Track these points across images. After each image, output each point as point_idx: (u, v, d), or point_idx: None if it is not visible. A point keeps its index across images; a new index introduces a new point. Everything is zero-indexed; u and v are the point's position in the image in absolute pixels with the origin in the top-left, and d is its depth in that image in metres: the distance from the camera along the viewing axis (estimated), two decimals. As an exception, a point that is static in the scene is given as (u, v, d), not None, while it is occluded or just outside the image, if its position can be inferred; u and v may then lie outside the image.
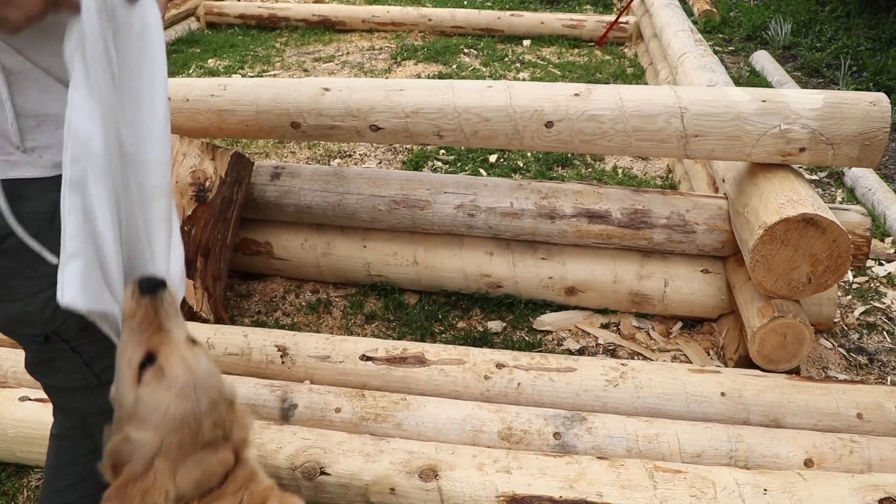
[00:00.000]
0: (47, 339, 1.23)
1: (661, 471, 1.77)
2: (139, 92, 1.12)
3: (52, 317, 1.19)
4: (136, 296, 1.09)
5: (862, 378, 2.44)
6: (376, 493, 1.80)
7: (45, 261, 1.15)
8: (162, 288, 1.10)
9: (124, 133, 1.10)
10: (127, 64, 1.10)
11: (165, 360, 1.07)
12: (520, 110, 2.34)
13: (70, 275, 1.04)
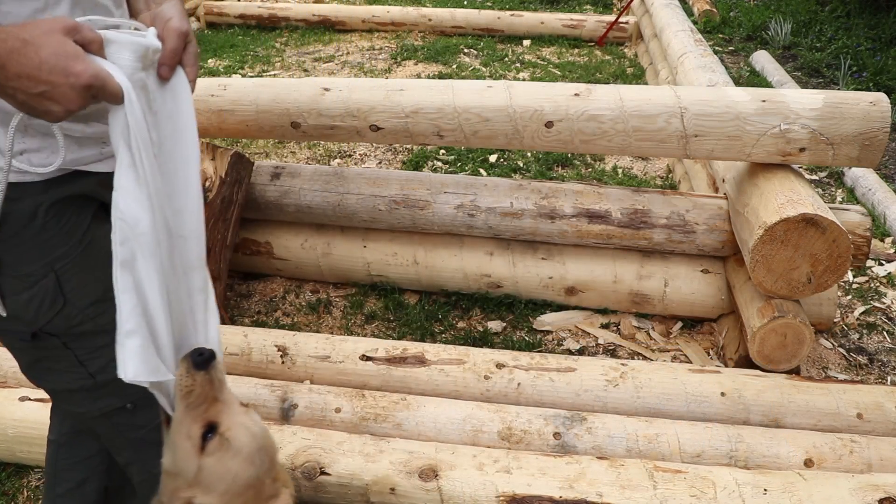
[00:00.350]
0: (35, 336, 1.22)
1: (661, 471, 1.77)
2: (175, 169, 1.15)
3: (36, 316, 1.19)
4: (191, 372, 1.10)
5: (862, 378, 2.44)
6: (376, 492, 1.80)
7: (29, 259, 1.15)
8: (213, 360, 1.12)
9: (166, 210, 1.14)
10: (163, 142, 1.14)
11: (227, 430, 1.09)
12: (520, 110, 2.34)
13: (130, 352, 1.08)
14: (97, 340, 1.24)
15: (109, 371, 1.20)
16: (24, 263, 1.15)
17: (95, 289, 1.20)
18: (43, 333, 1.22)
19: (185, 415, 1.11)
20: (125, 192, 1.09)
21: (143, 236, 1.09)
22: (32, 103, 0.97)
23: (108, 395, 1.29)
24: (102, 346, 1.23)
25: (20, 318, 1.19)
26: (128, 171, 1.09)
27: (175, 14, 1.14)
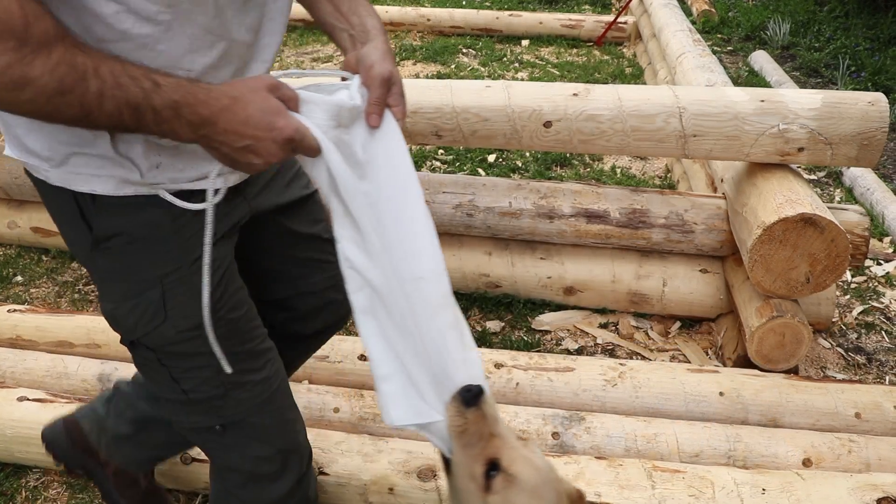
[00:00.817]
0: (132, 345, 1.25)
1: (660, 470, 1.77)
2: (398, 213, 1.15)
3: (135, 326, 1.20)
4: (461, 411, 1.08)
5: (860, 378, 2.44)
6: (375, 492, 1.80)
7: (143, 268, 1.17)
8: (482, 396, 1.09)
9: (396, 255, 1.13)
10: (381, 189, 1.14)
11: (510, 465, 1.05)
12: (518, 110, 2.33)
13: (389, 396, 1.11)
14: (192, 362, 1.24)
15: (201, 391, 1.26)
16: (139, 271, 1.17)
17: (199, 312, 1.19)
18: (139, 345, 1.23)
19: (463, 455, 1.08)
20: (348, 240, 1.14)
21: (373, 283, 1.13)
22: (236, 156, 1.02)
23: (198, 413, 1.31)
24: (196, 367, 1.25)
25: (119, 325, 1.22)
26: (344, 221, 1.14)
27: (377, 59, 1.15)
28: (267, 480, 1.39)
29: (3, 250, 3.16)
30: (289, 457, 1.41)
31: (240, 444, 1.34)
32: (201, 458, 1.90)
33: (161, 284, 1.18)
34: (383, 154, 1.16)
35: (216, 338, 1.20)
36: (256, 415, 1.33)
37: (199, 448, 1.45)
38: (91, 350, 2.34)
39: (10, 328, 2.39)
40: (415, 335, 1.13)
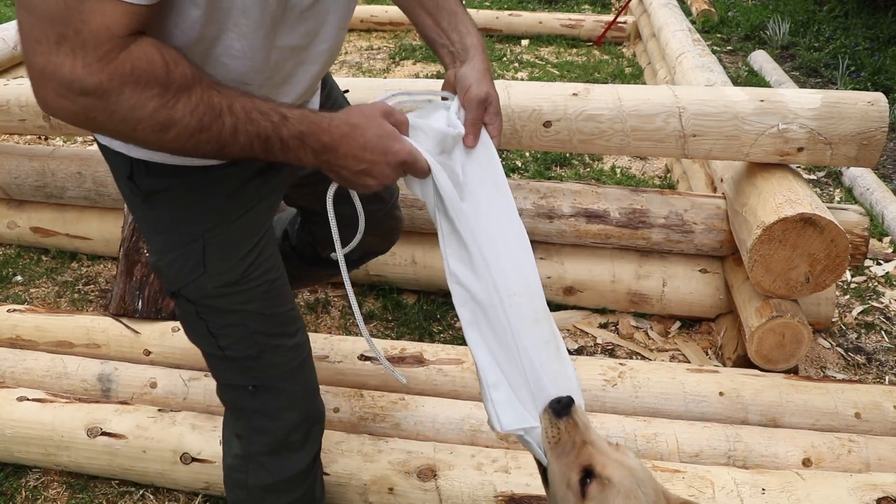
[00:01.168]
0: (174, 295, 1.33)
1: (660, 470, 1.77)
2: (497, 231, 1.22)
3: (176, 277, 1.29)
4: (553, 422, 1.13)
5: (860, 377, 2.44)
6: (375, 492, 1.80)
7: (190, 221, 1.25)
8: (572, 405, 1.13)
9: (494, 271, 1.20)
10: (478, 208, 1.22)
11: (603, 470, 1.07)
12: (518, 110, 2.33)
13: (499, 403, 1.16)
14: (228, 318, 1.32)
15: (236, 350, 1.34)
16: (182, 225, 1.25)
17: (235, 269, 1.28)
18: (180, 296, 1.31)
19: (558, 464, 1.11)
20: (454, 257, 1.21)
21: (477, 296, 1.19)
22: (354, 178, 1.12)
23: (233, 371, 1.38)
24: (231, 325, 1.32)
25: (163, 275, 1.31)
26: (451, 238, 1.21)
27: (474, 80, 1.24)
28: (291, 450, 1.45)
29: (2, 250, 3.16)
30: (312, 427, 1.48)
31: (270, 408, 1.40)
32: (201, 457, 1.90)
33: (202, 239, 1.25)
34: (480, 174, 1.23)
35: (254, 297, 1.30)
36: (287, 381, 1.40)
37: (228, 409, 1.48)
38: (91, 350, 2.34)
39: (10, 328, 2.39)
40: (513, 349, 1.18)
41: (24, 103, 2.79)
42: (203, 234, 1.25)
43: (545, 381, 1.18)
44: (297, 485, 1.50)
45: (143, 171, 1.20)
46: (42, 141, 4.20)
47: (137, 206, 1.28)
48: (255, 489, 1.48)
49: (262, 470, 1.46)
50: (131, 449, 1.94)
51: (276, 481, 1.47)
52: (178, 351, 2.29)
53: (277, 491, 1.48)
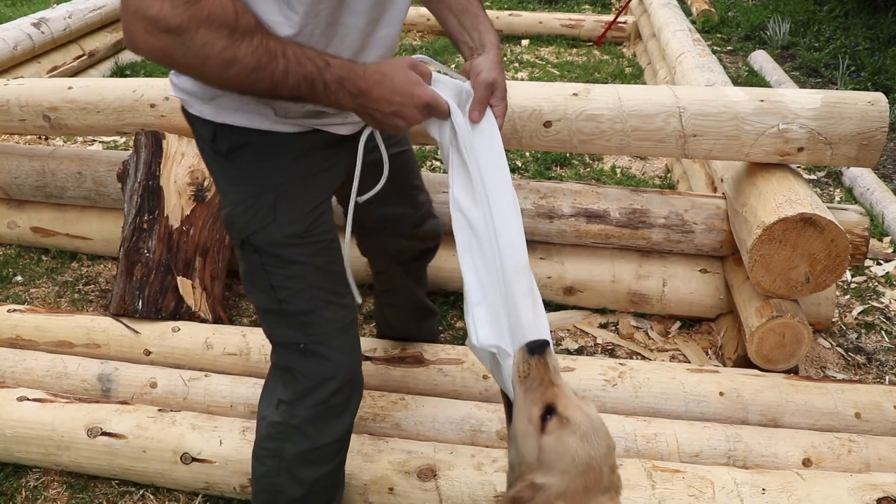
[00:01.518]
0: (243, 245, 1.46)
1: (660, 470, 1.77)
2: (494, 187, 1.35)
3: (248, 224, 1.43)
4: (526, 358, 1.20)
5: (860, 378, 2.44)
6: (375, 492, 1.80)
7: (264, 175, 1.41)
8: (547, 347, 1.21)
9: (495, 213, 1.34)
10: (483, 166, 1.36)
11: (565, 410, 1.13)
12: (518, 110, 2.33)
13: (479, 319, 1.28)
14: (290, 270, 1.45)
15: (293, 303, 1.46)
16: (259, 178, 1.41)
17: (302, 222, 1.44)
18: (248, 245, 1.45)
19: (524, 399, 1.18)
20: (460, 187, 1.37)
21: (473, 225, 1.34)
22: (385, 119, 1.29)
23: (287, 327, 1.49)
24: (293, 277, 1.46)
25: (236, 224, 1.45)
26: (460, 170, 1.37)
27: (485, 67, 1.40)
28: (332, 415, 1.54)
29: (3, 250, 3.16)
30: (352, 394, 1.59)
31: (318, 370, 1.50)
32: (201, 457, 1.90)
33: (276, 191, 1.41)
34: (483, 143, 1.38)
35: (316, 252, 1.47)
36: (336, 339, 1.52)
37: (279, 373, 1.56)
38: (91, 350, 2.34)
39: (10, 328, 2.39)
40: (498, 282, 1.31)
41: (24, 103, 2.79)
42: (276, 188, 1.41)
43: (523, 324, 1.27)
44: (332, 456, 1.57)
45: (228, 132, 1.38)
46: (42, 141, 4.20)
47: (219, 164, 1.45)
48: (291, 458, 1.54)
49: (302, 436, 1.53)
50: (131, 449, 1.94)
51: (313, 448, 1.53)
52: (179, 351, 2.29)
53: (313, 461, 1.54)
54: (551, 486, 1.09)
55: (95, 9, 5.09)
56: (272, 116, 1.35)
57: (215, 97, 1.34)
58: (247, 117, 1.35)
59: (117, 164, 2.76)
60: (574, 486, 1.09)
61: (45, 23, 4.60)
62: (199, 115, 1.39)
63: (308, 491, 1.56)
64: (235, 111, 1.35)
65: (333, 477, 1.61)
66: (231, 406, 2.12)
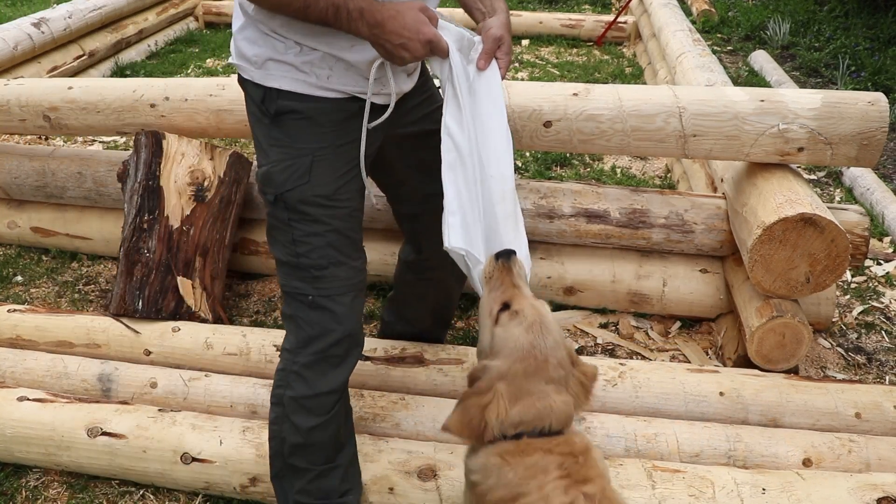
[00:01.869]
0: (275, 201, 1.62)
1: (660, 470, 1.77)
2: (489, 130, 1.57)
3: (284, 182, 1.59)
4: (492, 261, 1.41)
5: (860, 378, 2.44)
6: (375, 492, 1.80)
7: (305, 140, 1.58)
8: (513, 255, 1.41)
9: (480, 154, 1.56)
10: (480, 114, 1.57)
11: (518, 305, 1.31)
12: (518, 110, 2.33)
13: (452, 226, 1.52)
14: (314, 227, 1.62)
15: (310, 258, 1.62)
16: (299, 141, 1.59)
17: (332, 185, 1.61)
18: (280, 201, 1.61)
19: (488, 298, 1.37)
20: (451, 115, 1.56)
21: (459, 147, 1.54)
22: (393, 51, 1.45)
23: (300, 280, 1.64)
24: (314, 234, 1.62)
25: (272, 181, 1.61)
26: (452, 101, 1.56)
27: (494, 25, 1.61)
28: (330, 364, 1.67)
29: (3, 250, 3.16)
30: (351, 349, 1.71)
31: (322, 319, 1.65)
32: (202, 457, 1.91)
33: (312, 155, 1.58)
34: (484, 87, 1.57)
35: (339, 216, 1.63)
36: (342, 296, 1.66)
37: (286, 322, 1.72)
38: (91, 350, 2.34)
39: (10, 328, 2.39)
40: (477, 202, 1.53)
41: (24, 103, 2.79)
42: (313, 152, 1.58)
43: (503, 240, 1.51)
44: (328, 407, 1.68)
45: (275, 96, 1.56)
46: (42, 141, 4.20)
47: (264, 126, 1.62)
48: (290, 402, 1.68)
49: (301, 381, 1.67)
50: (132, 449, 1.94)
51: (310, 395, 1.66)
52: (179, 351, 2.29)
53: (309, 409, 1.67)
54: (495, 368, 1.27)
55: (95, 9, 5.09)
56: (314, 82, 1.54)
57: (265, 63, 1.54)
58: (291, 82, 1.54)
59: (117, 164, 2.76)
60: (514, 370, 1.25)
61: (45, 23, 4.60)
62: (251, 80, 1.59)
63: (305, 440, 1.67)
64: (283, 77, 1.54)
65: (330, 431, 1.69)
66: (231, 406, 2.12)
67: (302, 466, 1.69)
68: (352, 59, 1.54)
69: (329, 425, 1.69)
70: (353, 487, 1.75)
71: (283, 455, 1.70)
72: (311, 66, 1.54)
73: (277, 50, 1.53)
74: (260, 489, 1.85)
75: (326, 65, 1.54)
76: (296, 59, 1.53)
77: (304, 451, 1.69)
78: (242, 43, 1.58)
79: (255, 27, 1.55)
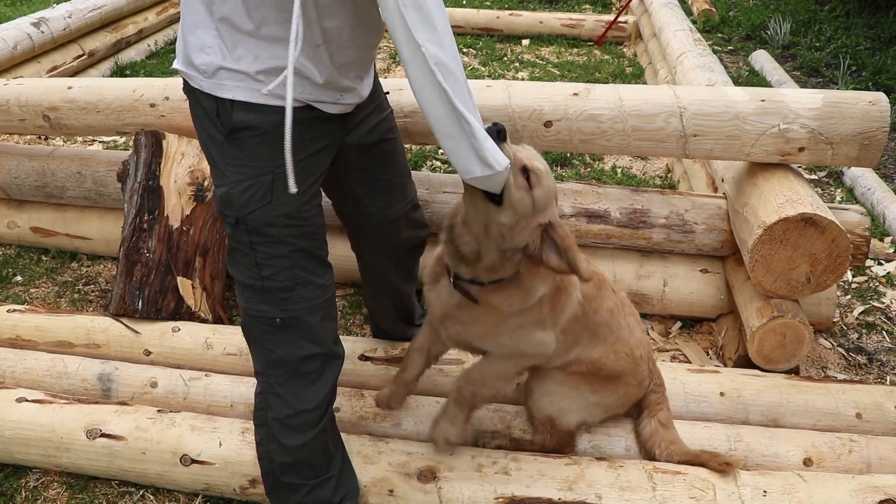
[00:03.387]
0: (237, 224, 1.54)
1: (661, 472, 1.77)
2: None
3: (245, 203, 1.51)
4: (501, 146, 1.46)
5: (861, 378, 2.44)
6: (375, 494, 1.79)
7: (262, 158, 1.48)
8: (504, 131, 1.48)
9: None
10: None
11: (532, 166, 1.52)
12: (518, 110, 2.33)
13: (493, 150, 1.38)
14: (277, 249, 1.54)
15: (275, 280, 1.56)
16: (258, 159, 1.49)
17: (295, 202, 1.52)
18: (241, 224, 1.53)
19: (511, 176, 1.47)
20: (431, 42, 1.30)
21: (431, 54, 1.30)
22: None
23: (265, 303, 1.58)
24: (279, 256, 1.55)
25: (232, 204, 1.52)
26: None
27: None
28: (308, 380, 1.63)
29: (3, 250, 3.16)
30: (327, 363, 1.65)
31: (291, 339, 1.59)
32: (201, 459, 1.90)
33: (273, 173, 1.49)
34: None
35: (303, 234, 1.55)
36: (311, 314, 1.60)
37: (251, 345, 1.67)
38: (91, 350, 2.34)
39: (10, 328, 2.39)
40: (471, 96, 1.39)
41: (24, 103, 2.79)
42: (273, 170, 1.48)
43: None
44: (312, 424, 1.64)
45: (230, 109, 1.46)
46: (42, 141, 4.20)
47: (219, 145, 1.52)
48: (273, 423, 1.64)
49: (280, 401, 1.63)
50: (131, 451, 1.94)
51: (291, 413, 1.62)
52: (179, 351, 2.29)
53: (292, 427, 1.63)
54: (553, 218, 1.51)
55: (95, 9, 5.08)
56: (271, 91, 1.42)
57: (216, 72, 1.43)
58: (245, 93, 1.44)
59: (117, 164, 2.76)
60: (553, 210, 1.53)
61: (44, 22, 4.60)
62: (201, 90, 1.47)
63: (294, 458, 1.65)
64: (235, 87, 1.44)
65: (319, 446, 1.67)
66: (231, 406, 2.12)
67: (295, 483, 1.68)
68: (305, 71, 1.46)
69: (317, 441, 1.67)
70: (350, 492, 1.74)
71: (274, 474, 1.69)
72: (266, 75, 1.44)
73: (228, 58, 1.43)
74: (259, 490, 1.85)
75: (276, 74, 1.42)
76: (249, 67, 1.43)
77: (294, 468, 1.67)
78: (193, 52, 1.47)
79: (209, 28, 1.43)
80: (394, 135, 1.93)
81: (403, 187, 2.01)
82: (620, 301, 1.89)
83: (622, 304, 1.89)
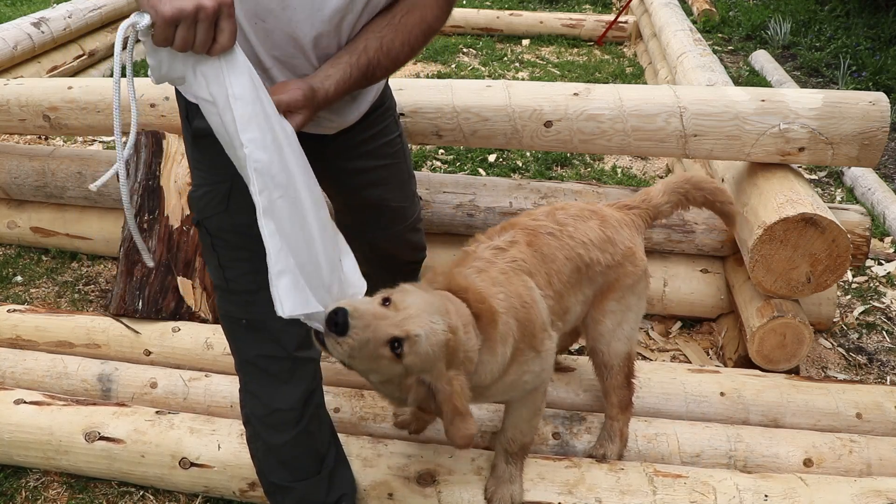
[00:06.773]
0: (198, 225, 1.55)
1: (661, 475, 1.76)
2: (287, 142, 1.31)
3: (203, 208, 1.52)
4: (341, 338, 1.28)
5: (861, 378, 2.44)
6: (374, 498, 1.79)
7: (221, 165, 1.39)
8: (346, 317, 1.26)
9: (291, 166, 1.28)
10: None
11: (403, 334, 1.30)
12: (519, 110, 2.33)
13: (284, 290, 1.25)
14: (237, 254, 1.53)
15: (240, 283, 1.54)
16: (217, 166, 1.44)
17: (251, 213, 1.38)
18: (203, 226, 1.54)
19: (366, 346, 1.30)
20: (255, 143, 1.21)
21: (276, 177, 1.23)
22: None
23: (231, 303, 1.58)
24: (239, 260, 1.53)
25: (194, 206, 1.54)
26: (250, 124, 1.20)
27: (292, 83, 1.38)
28: (278, 381, 1.61)
29: (3, 250, 3.16)
30: (298, 365, 1.61)
31: (258, 340, 1.57)
32: (200, 462, 1.90)
33: (231, 182, 1.44)
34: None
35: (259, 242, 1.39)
36: (276, 318, 1.49)
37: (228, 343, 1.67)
38: (91, 350, 2.33)
39: (10, 328, 2.39)
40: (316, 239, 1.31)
41: (24, 103, 2.79)
42: (232, 178, 1.40)
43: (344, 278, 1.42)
44: (290, 424, 1.62)
45: (195, 112, 1.43)
46: (42, 141, 4.20)
47: (189, 145, 1.55)
48: (255, 421, 1.65)
49: (255, 399, 1.62)
50: (130, 454, 1.93)
51: (266, 412, 1.61)
52: (179, 351, 2.29)
53: (271, 426, 1.62)
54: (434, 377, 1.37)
55: (95, 8, 5.08)
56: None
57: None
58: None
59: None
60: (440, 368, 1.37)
61: (45, 22, 4.60)
62: (179, 91, 1.49)
63: (279, 457, 1.64)
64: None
65: (304, 446, 1.65)
66: (231, 406, 2.12)
67: (284, 484, 1.66)
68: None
69: (300, 441, 1.64)
70: (346, 493, 1.73)
71: (264, 473, 1.68)
72: None
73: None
74: (259, 493, 1.84)
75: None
76: None
77: (281, 467, 1.65)
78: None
79: None
80: (397, 159, 1.87)
81: (403, 211, 1.96)
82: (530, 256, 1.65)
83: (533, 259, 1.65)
